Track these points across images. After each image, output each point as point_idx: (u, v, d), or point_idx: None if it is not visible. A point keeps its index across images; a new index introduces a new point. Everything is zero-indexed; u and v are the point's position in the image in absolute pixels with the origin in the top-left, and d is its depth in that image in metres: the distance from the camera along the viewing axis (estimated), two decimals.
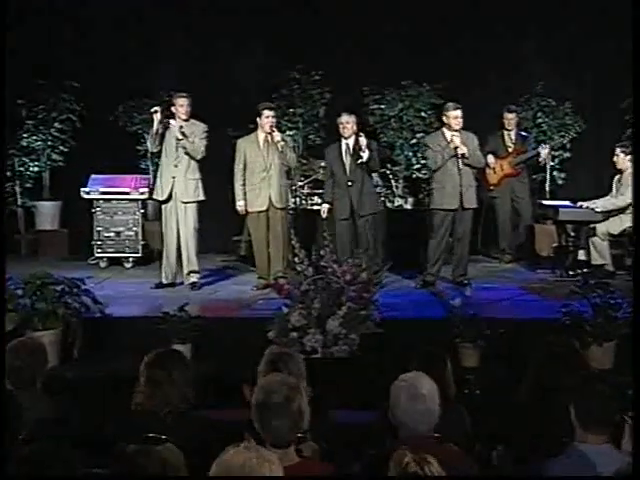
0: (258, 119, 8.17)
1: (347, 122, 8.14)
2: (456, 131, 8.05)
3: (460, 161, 8.05)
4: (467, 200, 8.11)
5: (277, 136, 8.07)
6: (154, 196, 8.36)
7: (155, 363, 3.76)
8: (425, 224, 8.73)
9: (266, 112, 8.10)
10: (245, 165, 8.21)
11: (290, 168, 8.53)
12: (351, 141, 8.13)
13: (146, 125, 10.23)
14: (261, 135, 8.20)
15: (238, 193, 8.26)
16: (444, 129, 8.21)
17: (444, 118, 8.20)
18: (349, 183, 8.15)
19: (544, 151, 9.54)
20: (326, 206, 8.35)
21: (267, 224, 8.24)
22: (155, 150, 8.40)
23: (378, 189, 9.58)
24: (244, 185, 8.23)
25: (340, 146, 8.25)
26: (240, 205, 8.27)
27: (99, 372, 6.16)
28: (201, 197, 8.22)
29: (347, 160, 8.21)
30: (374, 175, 8.83)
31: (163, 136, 8.11)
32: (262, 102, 8.39)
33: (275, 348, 4.14)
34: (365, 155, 8.05)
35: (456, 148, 8.01)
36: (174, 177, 8.12)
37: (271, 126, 8.09)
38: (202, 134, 8.17)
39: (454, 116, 8.06)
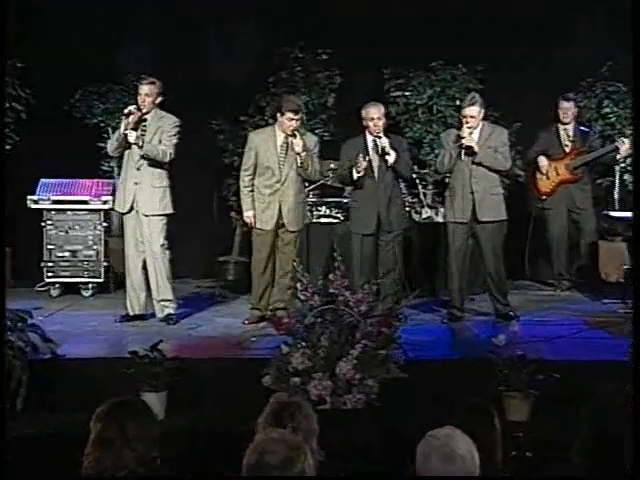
0: (278, 115, 8.16)
1: (378, 117, 8.14)
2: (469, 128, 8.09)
3: (469, 160, 8.09)
4: (482, 211, 8.13)
5: (298, 146, 8.02)
6: (115, 207, 8.39)
7: (106, 416, 3.75)
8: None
9: (290, 114, 8.02)
10: (255, 167, 8.23)
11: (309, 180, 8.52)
12: (382, 140, 8.12)
13: (110, 117, 10.29)
14: (280, 135, 8.17)
15: (245, 200, 8.27)
16: None
17: (460, 116, 8.30)
18: (377, 189, 8.17)
19: (624, 146, 9.49)
20: (362, 160, 8.13)
21: (272, 245, 8.24)
22: (115, 155, 8.44)
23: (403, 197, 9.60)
24: (252, 191, 8.24)
25: (365, 142, 8.27)
26: (248, 216, 8.27)
27: (49, 429, 6.15)
28: (168, 210, 8.21)
29: (375, 160, 8.23)
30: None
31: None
32: (289, 95, 8.42)
33: (281, 396, 4.14)
34: (391, 158, 8.08)
35: (461, 144, 8.04)
36: (137, 183, 8.14)
37: (294, 130, 8.08)
38: (171, 129, 8.15)
39: (465, 114, 8.13)
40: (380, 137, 8.12)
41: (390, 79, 10.27)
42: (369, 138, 8.24)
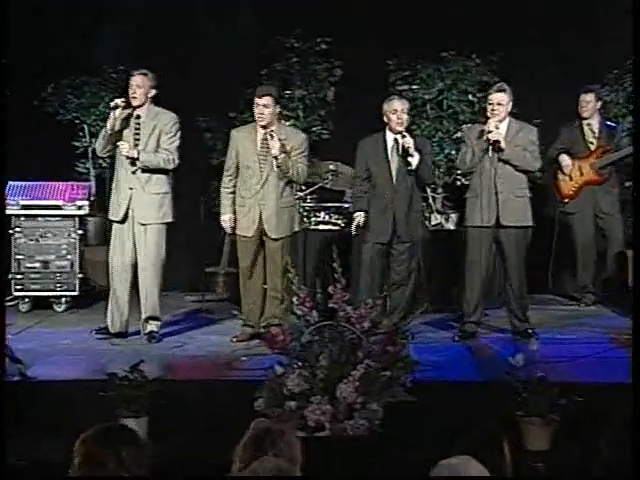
0: (255, 109, 8.21)
1: (402, 110, 8.18)
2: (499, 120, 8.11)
3: (495, 157, 8.08)
4: (505, 214, 8.12)
5: (274, 148, 7.98)
6: (109, 216, 8.35)
7: (97, 440, 3.78)
8: None
9: (260, 100, 8.06)
10: (237, 167, 8.24)
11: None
12: (406, 139, 8.12)
13: (85, 113, 10.31)
14: (260, 132, 8.19)
15: (223, 203, 8.31)
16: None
17: (486, 104, 8.30)
18: (395, 195, 8.18)
19: None
20: (361, 215, 8.29)
21: (257, 254, 8.26)
22: (104, 155, 8.43)
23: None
24: (233, 193, 8.26)
25: (385, 141, 8.29)
26: (225, 220, 8.31)
27: (19, 461, 6.13)
28: (167, 218, 8.22)
29: (394, 162, 8.25)
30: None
31: (120, 135, 8.12)
32: (262, 84, 8.41)
33: (262, 422, 4.15)
34: (415, 160, 8.09)
35: (487, 138, 8.04)
36: (132, 188, 8.13)
37: (263, 120, 8.06)
38: (170, 129, 8.17)
39: (492, 101, 8.14)
40: (404, 136, 8.13)
41: (396, 71, 10.30)
42: (389, 136, 8.25)
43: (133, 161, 8.01)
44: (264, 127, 8.06)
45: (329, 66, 10.33)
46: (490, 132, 8.04)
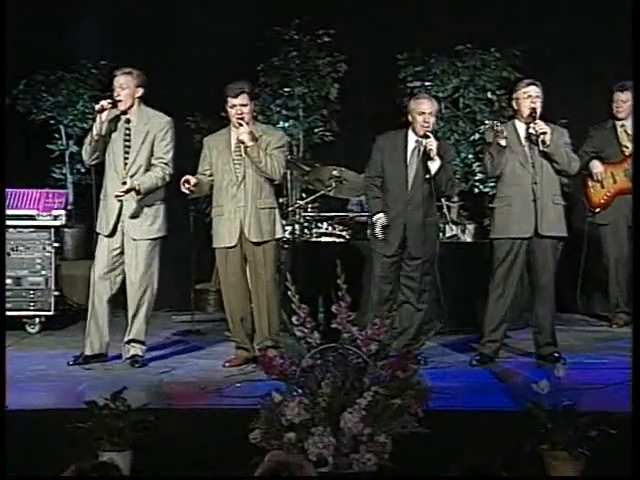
0: (231, 110, 8.24)
1: (430, 112, 8.14)
2: (533, 119, 8.09)
3: (537, 158, 8.06)
4: (543, 223, 8.11)
5: (243, 134, 8.07)
6: (97, 229, 8.36)
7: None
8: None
9: (231, 100, 8.17)
10: (211, 173, 8.29)
11: (273, 180, 8.52)
12: (429, 140, 8.07)
13: (62, 112, 10.33)
14: (234, 132, 8.30)
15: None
16: (515, 120, 8.26)
17: (514, 102, 8.27)
18: (409, 203, 8.19)
19: None
20: (382, 216, 8.22)
21: (241, 267, 8.29)
22: (92, 163, 8.45)
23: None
24: (204, 175, 8.28)
25: (406, 141, 8.26)
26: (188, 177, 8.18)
27: None
28: (161, 232, 8.26)
29: (413, 166, 8.22)
30: None
31: (108, 140, 8.14)
32: (236, 81, 8.47)
33: (278, 454, 4.16)
34: (435, 165, 8.07)
35: (535, 131, 8.01)
36: (122, 200, 8.16)
37: (240, 119, 8.16)
38: (165, 135, 8.22)
39: (527, 95, 8.12)
40: (428, 136, 8.10)
41: (406, 66, 10.32)
42: (411, 137, 8.23)
43: (137, 194, 8.05)
44: (240, 127, 8.12)
45: (332, 60, 10.36)
46: (536, 123, 8.00)
